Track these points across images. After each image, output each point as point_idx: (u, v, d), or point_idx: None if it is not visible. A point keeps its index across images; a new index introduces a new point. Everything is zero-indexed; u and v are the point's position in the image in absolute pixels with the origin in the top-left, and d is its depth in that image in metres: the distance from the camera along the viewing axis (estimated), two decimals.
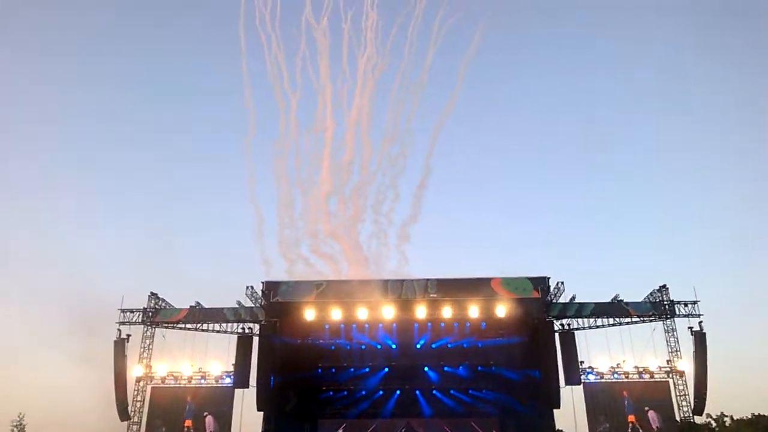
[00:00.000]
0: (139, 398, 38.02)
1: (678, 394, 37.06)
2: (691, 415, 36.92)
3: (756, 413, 54.68)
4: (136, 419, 37.55)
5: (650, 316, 37.64)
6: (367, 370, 39.89)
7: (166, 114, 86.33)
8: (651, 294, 38.07)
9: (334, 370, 40.23)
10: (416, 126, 48.94)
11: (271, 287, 36.16)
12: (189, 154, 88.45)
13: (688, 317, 37.03)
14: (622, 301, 37.54)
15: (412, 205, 46.07)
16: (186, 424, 37.36)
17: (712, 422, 55.10)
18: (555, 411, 35.94)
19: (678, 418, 36.85)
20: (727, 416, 56.87)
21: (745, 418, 54.84)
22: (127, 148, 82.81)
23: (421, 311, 35.07)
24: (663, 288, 37.75)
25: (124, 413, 37.15)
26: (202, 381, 38.30)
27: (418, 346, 38.20)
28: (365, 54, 46.51)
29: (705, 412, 38.32)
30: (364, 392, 40.50)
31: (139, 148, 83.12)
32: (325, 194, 44.50)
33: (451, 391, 39.77)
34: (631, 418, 37.06)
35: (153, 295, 38.85)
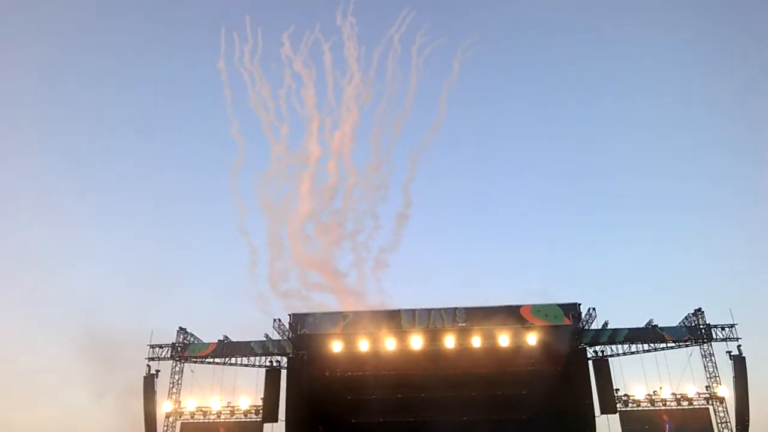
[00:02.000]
0: None
1: (719, 421, 35.82)
2: None
3: None
4: None
5: (686, 341, 36.68)
6: (396, 400, 39.15)
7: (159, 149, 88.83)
8: (686, 318, 37.15)
9: (363, 401, 39.61)
10: (400, 153, 49.51)
11: (297, 319, 36.06)
12: (189, 188, 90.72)
13: (726, 341, 35.98)
14: (656, 326, 36.71)
15: (393, 232, 46.44)
16: None
17: None
18: None
19: None
20: None
21: None
22: (125, 186, 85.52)
23: (449, 340, 34.66)
24: (698, 311, 36.82)
25: None
26: (231, 416, 38.16)
27: (448, 375, 37.51)
28: (350, 83, 46.96)
29: None
30: (393, 423, 39.80)
31: (142, 184, 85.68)
32: (302, 220, 44.70)
33: (483, 421, 38.82)
34: None
35: (181, 330, 38.96)
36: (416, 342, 34.64)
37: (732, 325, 36.08)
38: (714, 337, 36.25)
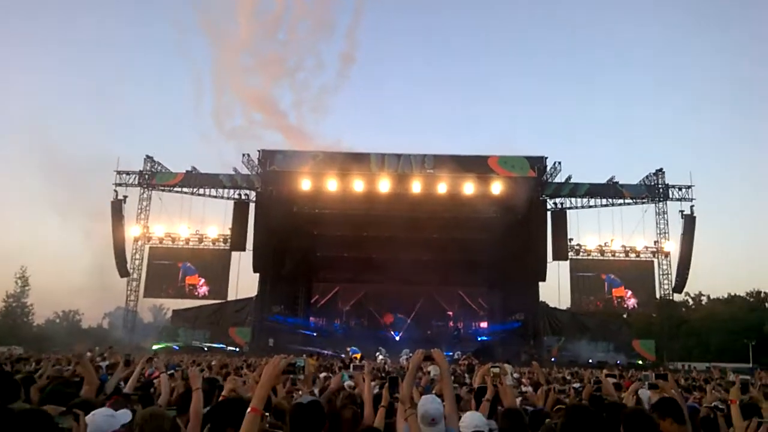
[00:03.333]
0: (137, 257, 39.13)
1: (661, 272, 38.32)
2: (671, 293, 38.33)
3: (732, 294, 57.45)
4: (135, 276, 38.96)
5: (643, 199, 37.97)
6: (361, 238, 40.48)
7: None
8: (647, 177, 38.14)
9: (328, 236, 40.96)
10: None
11: (266, 156, 35.87)
12: None
13: (681, 201, 37.40)
14: (617, 183, 37.67)
15: (338, 72, 44.46)
16: (187, 281, 38.99)
17: (690, 300, 57.85)
18: (540, 284, 37.46)
19: (658, 296, 38.36)
20: (704, 295, 59.67)
21: (721, 297, 57.66)
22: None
23: (416, 186, 35.04)
24: (659, 171, 37.79)
25: (123, 270, 38.45)
26: (200, 243, 39.33)
27: (412, 218, 38.56)
28: None
29: (684, 291, 39.85)
30: (357, 258, 41.56)
31: None
32: (245, 49, 42.59)
33: (442, 262, 40.79)
34: (616, 291, 38.72)
35: (149, 158, 38.63)
36: (384, 185, 34.95)
37: (689, 187, 37.31)
38: (670, 196, 37.59)
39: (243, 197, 38.07)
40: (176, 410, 4.74)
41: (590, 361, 33.29)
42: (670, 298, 38.96)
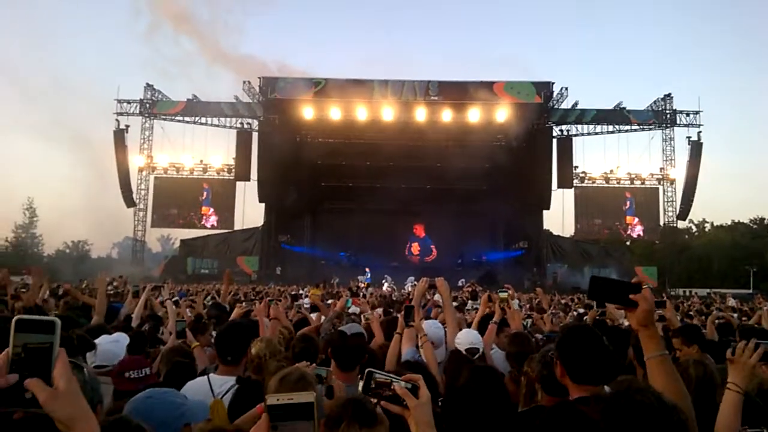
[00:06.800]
0: (143, 187, 39.24)
1: (666, 200, 38.28)
2: (675, 220, 38.42)
3: (736, 220, 57.64)
4: (141, 206, 39.16)
5: (650, 125, 37.52)
6: (365, 167, 40.29)
7: None
8: (654, 102, 37.51)
9: (332, 166, 40.77)
10: None
11: (267, 83, 35.20)
12: None
13: (689, 127, 36.96)
14: (624, 108, 37.07)
15: None
16: (203, 212, 39.30)
17: (693, 227, 58.12)
18: (544, 212, 37.65)
19: (662, 223, 38.50)
20: (707, 222, 59.85)
21: (724, 224, 57.88)
22: None
23: (420, 113, 34.60)
24: (667, 96, 37.13)
25: (129, 200, 38.61)
26: (204, 173, 39.33)
27: (416, 146, 38.29)
28: None
29: (688, 218, 39.91)
30: (361, 188, 41.48)
31: None
32: None
33: (445, 190, 40.71)
34: (628, 219, 38.90)
35: (149, 87, 38.07)
36: (387, 113, 34.54)
37: (697, 112, 36.74)
38: (678, 122, 37.10)
39: (245, 126, 37.75)
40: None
41: None
42: (674, 225, 39.11)
